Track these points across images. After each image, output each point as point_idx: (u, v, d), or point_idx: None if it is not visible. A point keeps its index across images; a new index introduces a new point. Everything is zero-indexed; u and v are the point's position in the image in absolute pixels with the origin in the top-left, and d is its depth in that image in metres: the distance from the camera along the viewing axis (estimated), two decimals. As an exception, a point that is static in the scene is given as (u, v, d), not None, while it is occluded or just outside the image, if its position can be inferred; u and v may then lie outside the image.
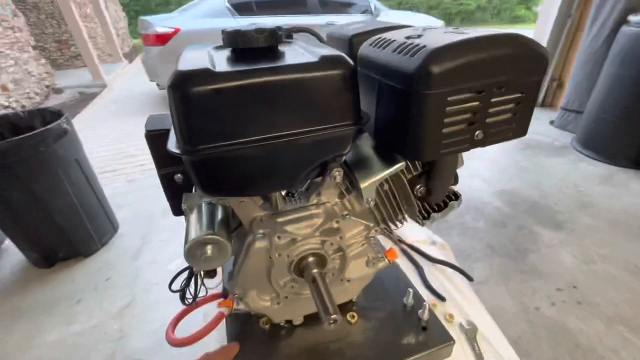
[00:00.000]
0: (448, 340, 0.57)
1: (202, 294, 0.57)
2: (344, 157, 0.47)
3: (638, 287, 1.60)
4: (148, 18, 4.13)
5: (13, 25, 4.46)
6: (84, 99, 5.02)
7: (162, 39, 3.91)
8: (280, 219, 0.48)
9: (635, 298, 1.55)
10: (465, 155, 0.51)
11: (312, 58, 0.38)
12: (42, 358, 1.35)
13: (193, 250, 0.44)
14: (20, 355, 1.36)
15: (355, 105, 0.41)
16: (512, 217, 2.12)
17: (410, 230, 0.95)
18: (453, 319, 0.67)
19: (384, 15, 4.74)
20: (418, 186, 0.51)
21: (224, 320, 0.62)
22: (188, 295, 0.54)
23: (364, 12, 4.73)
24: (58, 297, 1.60)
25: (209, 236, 0.44)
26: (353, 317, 0.62)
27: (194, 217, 0.48)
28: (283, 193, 0.52)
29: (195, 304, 0.55)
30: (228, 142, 0.37)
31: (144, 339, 1.38)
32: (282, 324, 0.61)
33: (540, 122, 3.40)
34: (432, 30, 0.44)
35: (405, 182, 0.49)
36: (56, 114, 1.73)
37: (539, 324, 1.46)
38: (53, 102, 4.88)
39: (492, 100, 0.39)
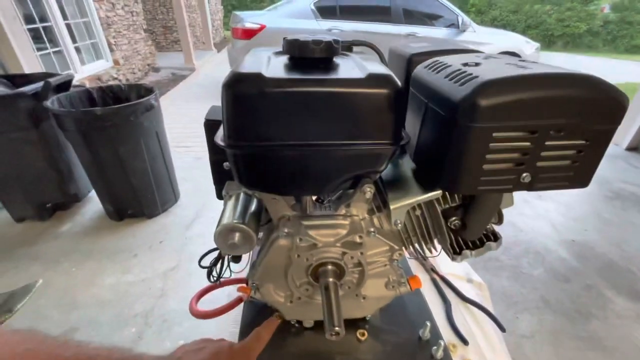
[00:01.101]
0: (458, 386, 0.53)
1: (227, 275, 0.62)
2: (378, 175, 0.47)
3: None
4: (240, 13, 4.49)
5: (133, 10, 5.21)
6: (175, 79, 5.65)
7: (249, 33, 4.22)
8: (305, 222, 0.50)
9: None
10: (535, 194, 0.46)
11: (360, 74, 0.39)
12: (100, 295, 1.57)
13: (222, 234, 0.48)
14: (85, 290, 1.60)
15: (396, 126, 0.40)
16: (579, 274, 1.85)
17: (447, 262, 0.90)
18: (472, 367, 0.62)
19: (470, 31, 4.49)
20: (453, 218, 0.49)
21: (242, 304, 0.67)
22: (214, 274, 0.59)
23: (449, 25, 4.53)
24: (120, 248, 1.84)
25: (239, 224, 0.48)
26: (363, 334, 0.61)
27: (230, 204, 0.52)
28: (314, 198, 0.54)
29: (219, 282, 0.60)
30: (267, 142, 0.39)
31: (179, 302, 1.52)
32: (293, 323, 0.62)
33: (639, 170, 2.91)
34: (493, 60, 0.42)
35: (439, 212, 0.47)
36: (149, 90, 1.98)
37: (586, 401, 1.26)
38: (150, 78, 5.59)
39: (547, 143, 0.36)
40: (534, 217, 2.27)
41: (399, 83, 0.39)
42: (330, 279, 0.50)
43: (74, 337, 1.39)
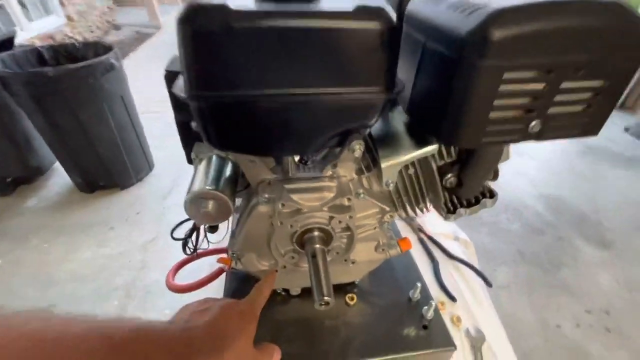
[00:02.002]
0: (449, 344, 0.53)
1: (206, 245, 0.57)
2: (368, 129, 0.42)
3: (683, 327, 1.43)
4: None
5: (82, -44, 4.59)
6: (139, 37, 5.18)
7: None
8: (288, 186, 0.45)
9: (676, 338, 1.39)
10: (515, 150, 0.43)
11: (347, 6, 0.32)
12: (77, 271, 1.51)
13: (194, 202, 0.42)
14: (59, 265, 1.53)
15: (389, 69, 0.34)
16: (553, 226, 1.94)
17: (434, 221, 0.89)
18: (460, 323, 0.62)
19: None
20: (449, 175, 0.45)
21: (224, 275, 0.63)
22: (190, 246, 0.54)
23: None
24: (94, 221, 1.75)
25: (212, 191, 0.42)
26: (352, 299, 0.59)
27: (201, 168, 0.46)
28: (296, 159, 0.48)
29: (196, 255, 0.55)
30: (239, 91, 0.33)
31: (162, 273, 1.48)
32: (279, 291, 0.60)
33: (614, 126, 3.00)
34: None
35: (435, 169, 0.43)
36: (108, 48, 1.78)
37: (556, 342, 1.37)
38: (112, 38, 5.09)
39: (563, 85, 0.31)
40: (513, 173, 2.33)
41: (394, 17, 0.32)
42: (317, 246, 0.46)
43: (53, 313, 1.35)
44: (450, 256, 0.77)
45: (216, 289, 0.64)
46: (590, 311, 1.49)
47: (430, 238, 0.81)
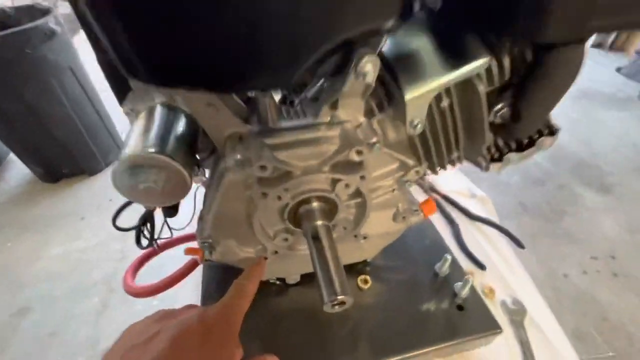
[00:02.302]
0: (493, 327, 0.42)
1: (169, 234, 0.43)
2: (384, 41, 0.27)
3: (688, 264, 1.42)
4: None
5: None
6: (94, 8, 4.66)
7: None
8: (269, 140, 0.30)
9: (683, 276, 1.37)
10: None
11: None
12: (48, 269, 1.36)
13: (126, 173, 0.28)
14: (29, 265, 1.37)
15: None
16: (553, 175, 1.87)
17: (445, 178, 0.77)
18: (494, 295, 0.52)
19: None
20: (499, 106, 0.31)
21: (201, 267, 0.50)
22: (146, 236, 0.40)
23: None
24: (63, 213, 1.58)
25: (153, 154, 0.28)
26: (366, 281, 0.47)
27: (138, 125, 0.31)
28: (278, 98, 0.34)
29: (157, 247, 0.41)
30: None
31: (145, 262, 1.36)
32: (272, 281, 0.47)
33: (605, 68, 2.89)
34: None
35: (483, 94, 0.29)
36: (45, 12, 1.51)
37: (565, 292, 1.33)
38: (62, 11, 4.55)
39: None
40: (508, 125, 2.22)
41: None
42: (319, 222, 0.33)
43: (27, 318, 1.21)
44: (472, 217, 0.65)
45: (193, 286, 0.51)
46: (596, 257, 1.46)
47: (446, 198, 0.69)
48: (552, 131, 0.34)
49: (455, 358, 0.45)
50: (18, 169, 1.79)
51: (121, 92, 0.36)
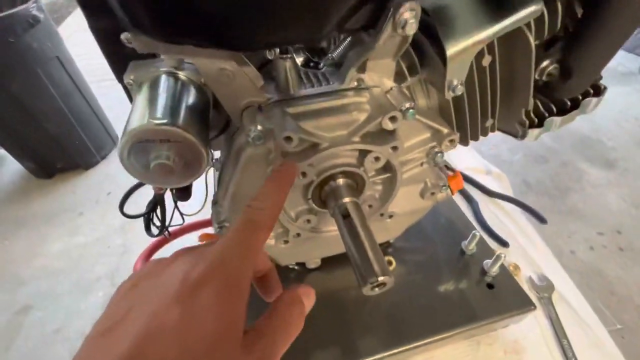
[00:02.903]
0: (526, 304, 0.40)
1: (180, 221, 0.40)
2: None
3: (693, 236, 1.42)
4: None
5: None
6: (77, -3, 4.48)
7: None
8: (291, 109, 0.27)
9: (688, 248, 1.38)
10: None
11: None
12: (48, 266, 1.33)
13: (134, 148, 0.24)
14: (26, 262, 1.34)
15: None
16: (556, 152, 1.86)
17: (459, 156, 0.74)
18: (519, 272, 0.50)
19: None
20: (546, 62, 0.28)
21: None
22: (157, 223, 0.37)
23: None
24: (60, 209, 1.54)
25: (165, 127, 0.24)
26: (390, 263, 0.45)
27: (142, 96, 0.28)
28: (300, 62, 0.30)
29: (168, 234, 0.38)
30: None
31: (148, 255, 1.33)
32: (291, 267, 0.45)
33: (604, 43, 2.84)
34: None
35: (533, 48, 0.26)
36: (26, -2, 1.43)
37: (572, 268, 1.33)
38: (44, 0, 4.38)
39: None
40: (509, 103, 2.19)
41: None
42: (348, 199, 0.30)
43: (30, 315, 1.19)
44: (491, 193, 0.63)
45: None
46: (602, 233, 1.45)
47: (463, 175, 0.66)
48: (598, 90, 0.31)
49: (484, 338, 0.43)
50: (10, 165, 1.73)
51: (118, 62, 0.32)
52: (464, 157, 0.74)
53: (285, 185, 0.22)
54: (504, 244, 0.54)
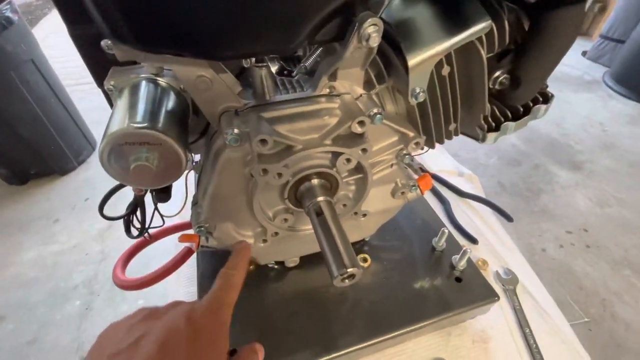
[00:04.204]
0: (491, 295, 0.43)
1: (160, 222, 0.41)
2: (386, 3, 0.26)
3: (651, 232, 1.52)
4: None
5: None
6: (53, -1, 4.35)
7: None
8: (267, 114, 0.29)
9: (647, 243, 1.47)
10: None
11: None
12: (22, 275, 1.28)
13: (114, 151, 0.26)
14: (0, 272, 1.29)
15: None
16: (528, 156, 1.95)
17: (432, 158, 0.78)
18: (487, 267, 0.53)
19: None
20: (498, 73, 0.31)
21: (195, 256, 0.48)
22: (136, 225, 0.38)
23: None
24: (34, 216, 1.49)
25: (145, 130, 0.25)
26: (365, 260, 0.47)
27: (123, 101, 0.29)
28: (274, 70, 0.32)
29: (148, 236, 0.39)
30: None
31: (127, 262, 1.30)
32: (270, 265, 0.46)
33: (572, 51, 2.99)
34: None
35: (484, 59, 0.29)
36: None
37: (543, 265, 1.40)
38: (18, 1, 4.23)
39: None
40: (485, 109, 2.28)
41: None
42: (321, 198, 0.32)
43: (1, 327, 1.14)
44: (462, 194, 0.66)
45: (184, 281, 0.49)
46: (571, 231, 1.53)
47: (435, 177, 0.70)
48: (546, 98, 0.35)
49: (454, 329, 0.46)
50: (-20, 172, 1.66)
51: (98, 69, 0.33)
52: (438, 160, 0.78)
53: (246, 257, 0.31)
54: (473, 240, 0.57)
